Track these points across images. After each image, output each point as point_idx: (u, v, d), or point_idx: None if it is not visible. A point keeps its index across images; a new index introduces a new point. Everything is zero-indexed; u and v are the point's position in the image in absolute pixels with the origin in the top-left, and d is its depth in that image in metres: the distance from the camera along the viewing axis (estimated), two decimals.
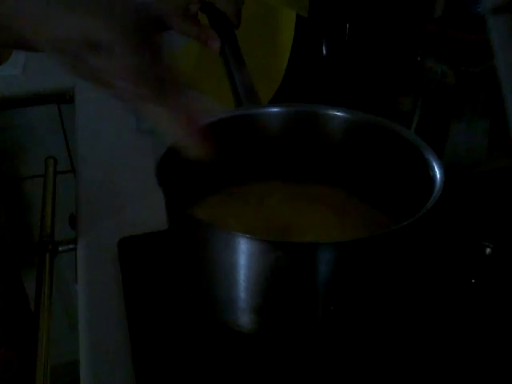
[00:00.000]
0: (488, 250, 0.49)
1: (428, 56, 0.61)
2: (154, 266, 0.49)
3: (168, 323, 0.43)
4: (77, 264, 0.53)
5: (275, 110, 0.49)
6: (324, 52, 0.73)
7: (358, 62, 0.72)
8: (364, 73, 0.72)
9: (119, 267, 0.50)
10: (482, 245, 0.50)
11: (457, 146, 0.61)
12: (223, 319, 0.39)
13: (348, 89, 0.73)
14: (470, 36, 0.57)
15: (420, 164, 0.41)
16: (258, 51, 0.71)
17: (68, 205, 0.69)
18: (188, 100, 0.38)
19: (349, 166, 0.49)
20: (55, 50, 0.34)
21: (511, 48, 0.34)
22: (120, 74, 0.35)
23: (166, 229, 0.42)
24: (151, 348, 0.41)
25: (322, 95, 0.73)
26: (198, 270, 0.40)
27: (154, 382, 0.39)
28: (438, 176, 0.38)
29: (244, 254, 0.34)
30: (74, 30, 0.33)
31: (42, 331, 0.50)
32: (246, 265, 0.34)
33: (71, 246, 0.57)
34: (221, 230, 0.35)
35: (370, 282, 0.37)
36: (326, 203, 0.47)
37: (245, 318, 0.37)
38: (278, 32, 0.73)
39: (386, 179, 0.46)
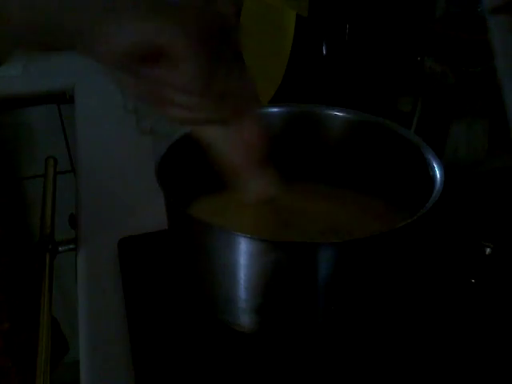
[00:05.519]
0: (488, 250, 0.49)
1: (428, 56, 0.61)
2: (154, 265, 0.49)
3: (168, 323, 0.43)
4: (77, 264, 0.53)
5: (275, 109, 0.49)
6: (324, 52, 0.73)
7: (357, 62, 0.72)
8: (364, 73, 0.72)
9: (119, 267, 0.50)
10: (481, 245, 0.50)
11: (457, 146, 0.61)
12: (223, 319, 0.39)
13: (348, 89, 0.73)
14: (470, 36, 0.57)
15: (420, 164, 0.41)
16: (258, 51, 0.71)
17: (68, 205, 0.69)
18: (254, 121, 0.33)
19: (349, 166, 0.49)
20: (114, 63, 0.29)
21: (511, 48, 0.34)
22: (184, 87, 0.29)
23: (166, 229, 0.42)
24: (151, 348, 0.41)
25: (322, 95, 0.73)
26: (198, 269, 0.40)
27: (154, 382, 0.39)
28: (438, 176, 0.38)
29: (244, 253, 0.34)
30: (135, 35, 0.27)
31: (42, 331, 0.50)
32: (246, 264, 0.34)
33: (71, 246, 0.57)
34: (221, 229, 0.35)
35: (370, 282, 0.37)
36: (325, 202, 0.47)
37: (245, 318, 0.37)
38: (278, 32, 0.73)
39: (386, 179, 0.46)
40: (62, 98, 1.00)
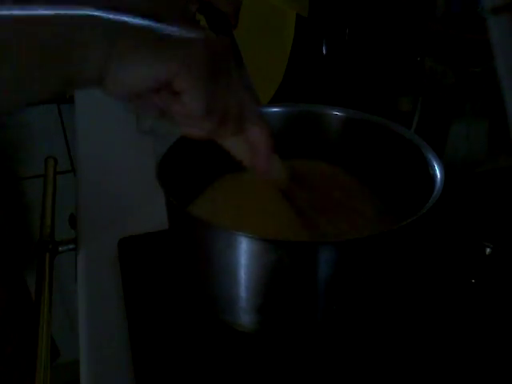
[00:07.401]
0: (488, 250, 0.49)
1: (428, 56, 0.61)
2: (154, 266, 0.49)
3: (168, 323, 0.43)
4: (77, 264, 0.53)
5: (275, 110, 0.49)
6: (324, 52, 0.73)
7: (357, 62, 0.72)
8: (364, 73, 0.72)
9: (119, 267, 0.50)
10: (482, 245, 0.50)
11: (457, 145, 0.61)
12: (224, 319, 0.39)
13: (348, 89, 0.73)
14: (470, 36, 0.57)
15: (420, 164, 0.41)
16: (258, 51, 0.71)
17: (68, 205, 0.69)
18: (259, 125, 0.36)
19: (349, 166, 0.48)
20: (124, 98, 0.32)
21: (511, 48, 0.34)
22: (187, 113, 0.32)
23: (166, 229, 0.42)
24: (151, 348, 0.41)
25: (321, 95, 0.73)
26: (198, 269, 0.40)
27: (153, 382, 0.39)
28: (438, 176, 0.39)
29: (245, 253, 0.34)
30: (145, 77, 0.30)
31: (42, 331, 0.50)
32: (246, 264, 0.34)
33: (71, 246, 0.57)
34: (222, 229, 0.35)
35: (370, 282, 0.37)
36: (325, 201, 0.47)
37: (246, 318, 0.37)
38: (278, 32, 0.73)
39: (386, 179, 0.46)
40: (62, 98, 1.00)
